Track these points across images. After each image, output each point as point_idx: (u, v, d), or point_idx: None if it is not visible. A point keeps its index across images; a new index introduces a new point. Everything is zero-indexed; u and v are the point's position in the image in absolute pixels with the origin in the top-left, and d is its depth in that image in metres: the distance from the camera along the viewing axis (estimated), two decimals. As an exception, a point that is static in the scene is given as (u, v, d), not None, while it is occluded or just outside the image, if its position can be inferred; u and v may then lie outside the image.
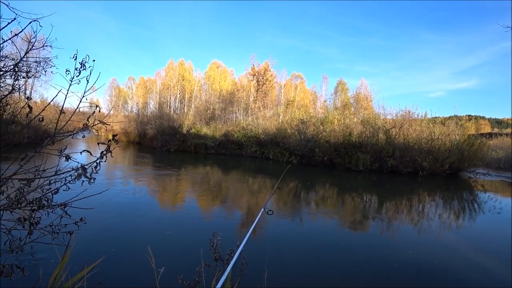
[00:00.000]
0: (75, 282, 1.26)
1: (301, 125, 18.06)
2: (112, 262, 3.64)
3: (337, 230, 5.94)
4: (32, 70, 2.42)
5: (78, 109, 1.79)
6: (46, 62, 2.52)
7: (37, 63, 2.69)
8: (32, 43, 2.11)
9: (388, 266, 4.16)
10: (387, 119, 18.15)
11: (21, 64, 2.07)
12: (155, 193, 8.01)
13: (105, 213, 5.67)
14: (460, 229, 6.35)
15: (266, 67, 32.59)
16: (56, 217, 1.85)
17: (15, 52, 2.22)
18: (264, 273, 2.34)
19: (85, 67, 1.61)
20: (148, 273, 1.73)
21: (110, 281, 3.13)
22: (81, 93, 1.79)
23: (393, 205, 8.38)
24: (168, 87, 38.66)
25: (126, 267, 3.57)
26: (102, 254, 3.69)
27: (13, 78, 2.02)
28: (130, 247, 4.20)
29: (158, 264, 1.97)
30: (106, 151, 1.56)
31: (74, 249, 2.60)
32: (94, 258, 3.63)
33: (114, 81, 52.19)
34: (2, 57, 2.37)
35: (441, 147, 15.29)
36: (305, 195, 9.05)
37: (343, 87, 40.14)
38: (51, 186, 1.85)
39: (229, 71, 42.38)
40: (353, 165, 15.61)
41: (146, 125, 23.94)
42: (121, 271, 3.48)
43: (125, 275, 3.36)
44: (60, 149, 1.76)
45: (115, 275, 3.33)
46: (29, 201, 1.73)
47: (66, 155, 1.74)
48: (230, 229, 5.45)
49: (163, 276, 1.98)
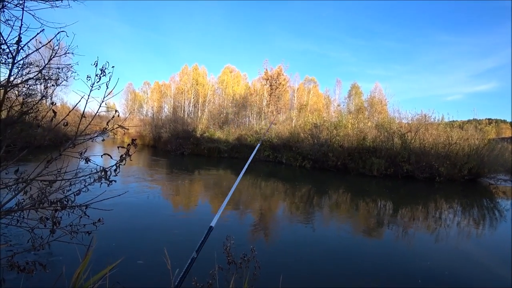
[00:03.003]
0: (96, 281, 1.30)
1: (314, 129, 17.96)
2: (129, 262, 3.72)
3: (351, 236, 5.86)
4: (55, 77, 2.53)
5: (98, 113, 1.86)
6: (68, 68, 2.63)
7: (60, 69, 2.80)
8: (56, 51, 2.21)
9: (404, 274, 4.07)
10: (402, 123, 17.79)
11: (45, 71, 2.16)
12: (169, 196, 8.13)
13: (121, 215, 5.79)
14: (480, 238, 6.13)
15: (279, 71, 32.63)
16: (75, 218, 1.93)
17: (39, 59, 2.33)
18: (279, 277, 2.35)
19: (105, 73, 1.68)
20: (162, 274, 1.76)
21: (127, 281, 3.20)
22: (100, 98, 1.87)
23: (408, 212, 8.20)
24: (182, 91, 39.26)
25: (142, 268, 3.64)
26: (119, 254, 3.78)
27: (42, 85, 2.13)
28: (146, 248, 4.27)
29: (172, 265, 2.01)
30: (126, 155, 1.62)
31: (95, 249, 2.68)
32: (111, 258, 3.72)
33: (130, 86, 53.39)
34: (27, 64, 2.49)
35: (459, 152, 14.85)
36: (318, 200, 8.98)
37: (357, 91, 39.73)
38: (71, 187, 1.93)
39: (242, 75, 42.68)
40: (367, 170, 15.37)
41: (160, 128, 24.35)
42: (137, 271, 3.55)
43: (141, 276, 3.43)
44: (81, 152, 1.84)
45: (131, 275, 3.40)
46: (51, 202, 1.81)
47: (86, 158, 1.82)
48: (243, 233, 5.47)
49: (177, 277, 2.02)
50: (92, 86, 1.66)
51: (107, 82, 1.67)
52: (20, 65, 2.39)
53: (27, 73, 2.38)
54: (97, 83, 1.66)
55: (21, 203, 1.68)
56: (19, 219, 1.73)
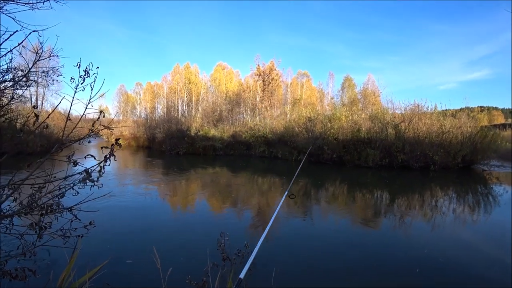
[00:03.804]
0: (82, 283, 1.29)
1: (308, 123, 17.98)
2: (121, 263, 3.70)
3: (349, 227, 5.89)
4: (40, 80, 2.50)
5: (84, 115, 1.83)
6: (54, 71, 2.59)
7: (45, 73, 2.76)
8: (39, 54, 2.17)
9: (402, 263, 4.11)
10: (396, 114, 17.89)
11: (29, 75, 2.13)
12: (164, 195, 8.10)
13: (115, 216, 5.76)
14: (475, 224, 6.21)
15: (272, 66, 32.59)
16: (66, 221, 1.91)
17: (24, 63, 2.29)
18: (272, 272, 2.35)
19: (89, 74, 1.65)
20: (156, 274, 1.76)
21: (118, 282, 3.19)
22: (87, 100, 1.84)
23: (405, 201, 8.28)
24: (175, 91, 39.05)
25: (134, 268, 3.62)
26: (111, 256, 3.76)
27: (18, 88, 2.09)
28: (139, 248, 4.25)
29: (167, 265, 2.00)
30: (110, 155, 1.60)
31: (86, 251, 2.66)
32: (104, 260, 3.70)
33: (122, 87, 52.92)
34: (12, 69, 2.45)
35: (452, 140, 14.99)
36: (315, 193, 9.02)
37: (350, 83, 39.83)
38: (62, 191, 1.91)
39: (235, 72, 42.56)
40: (363, 161, 15.45)
41: (154, 129, 24.19)
42: (129, 272, 3.53)
43: (133, 276, 3.41)
44: (68, 155, 1.81)
45: (123, 276, 3.39)
46: (41, 207, 1.78)
47: (74, 161, 1.79)
48: (240, 229, 5.47)
49: (172, 276, 2.01)
50: (76, 88, 1.63)
51: (91, 83, 1.64)
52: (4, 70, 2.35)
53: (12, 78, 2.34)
54: (81, 85, 1.63)
55: (9, 210, 1.66)
56: (8, 226, 1.71)
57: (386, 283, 3.47)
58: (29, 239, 1.86)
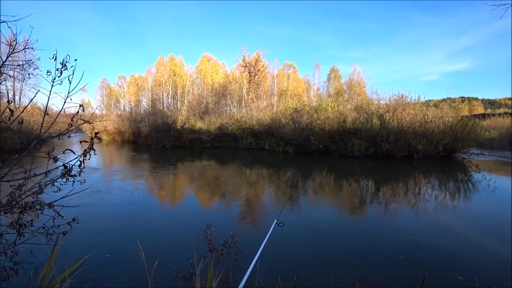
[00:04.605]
0: (64, 279, 1.27)
1: (295, 114, 18.07)
2: (106, 258, 3.66)
3: (335, 216, 6.00)
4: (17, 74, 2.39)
5: (63, 110, 1.77)
6: (30, 65, 2.47)
7: (21, 66, 2.64)
8: (13, 46, 2.07)
9: (387, 250, 4.22)
10: (381, 104, 18.19)
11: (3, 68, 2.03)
12: (151, 190, 8.01)
13: (100, 212, 5.67)
14: (456, 209, 6.44)
15: (257, 57, 32.40)
16: (49, 219, 1.86)
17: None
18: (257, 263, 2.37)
19: (66, 67, 1.59)
20: (143, 267, 1.75)
21: (104, 277, 3.16)
22: (66, 94, 1.77)
23: (390, 189, 8.48)
24: (159, 83, 38.36)
25: (120, 263, 3.58)
26: (97, 252, 3.72)
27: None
28: (125, 243, 4.20)
29: (154, 258, 1.99)
30: (89, 149, 1.56)
31: (70, 247, 2.62)
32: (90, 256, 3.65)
33: (105, 81, 51.49)
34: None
35: (435, 129, 15.40)
36: (302, 184, 9.11)
37: (336, 74, 40.09)
38: (41, 188, 1.85)
39: (221, 63, 42.09)
40: (349, 151, 15.71)
41: (139, 123, 23.77)
42: (115, 266, 3.49)
43: (119, 271, 3.38)
44: (48, 151, 1.76)
45: (108, 271, 3.35)
46: (20, 204, 1.73)
47: (54, 157, 1.74)
48: (228, 221, 5.46)
49: (159, 269, 2.01)
50: (53, 82, 1.57)
51: (69, 76, 1.58)
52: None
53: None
54: (58, 78, 1.57)
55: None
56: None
57: (371, 271, 3.55)
58: (10, 238, 1.81)
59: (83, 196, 6.52)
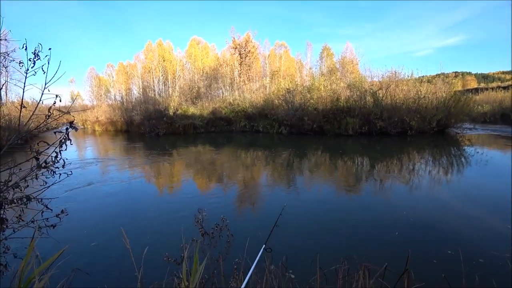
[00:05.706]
0: (43, 271, 1.26)
1: (287, 95, 17.93)
2: (97, 247, 3.68)
3: (331, 195, 6.06)
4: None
5: (41, 101, 1.70)
6: (5, 57, 2.36)
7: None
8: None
9: (382, 226, 4.30)
10: (374, 82, 18.12)
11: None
12: (146, 178, 7.98)
13: (95, 203, 5.66)
14: (449, 184, 6.54)
15: (247, 38, 31.79)
16: (37, 212, 1.84)
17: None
18: (252, 244, 2.39)
19: (39, 56, 1.51)
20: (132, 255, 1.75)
21: (93, 266, 3.19)
22: (43, 85, 1.70)
23: (384, 166, 8.57)
24: (149, 70, 37.65)
25: (108, 251, 3.59)
26: (91, 241, 3.73)
27: None
28: (116, 230, 4.21)
29: (146, 245, 2.00)
30: (65, 139, 1.51)
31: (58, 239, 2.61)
32: (79, 246, 3.65)
33: (93, 70, 50.37)
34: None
35: (428, 105, 15.44)
36: (298, 164, 9.15)
37: (328, 53, 39.53)
38: (27, 183, 1.82)
39: (211, 46, 41.21)
40: (343, 130, 15.76)
41: (131, 111, 23.41)
42: (102, 254, 3.52)
43: (106, 258, 3.40)
44: (30, 145, 1.71)
45: (98, 260, 3.38)
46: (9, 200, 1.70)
47: (36, 151, 1.69)
48: (226, 204, 5.47)
49: (150, 257, 2.02)
50: (27, 73, 1.50)
51: (42, 66, 1.51)
52: None
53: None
54: (31, 69, 1.50)
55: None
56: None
57: (364, 249, 3.62)
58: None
59: (79, 188, 6.49)
